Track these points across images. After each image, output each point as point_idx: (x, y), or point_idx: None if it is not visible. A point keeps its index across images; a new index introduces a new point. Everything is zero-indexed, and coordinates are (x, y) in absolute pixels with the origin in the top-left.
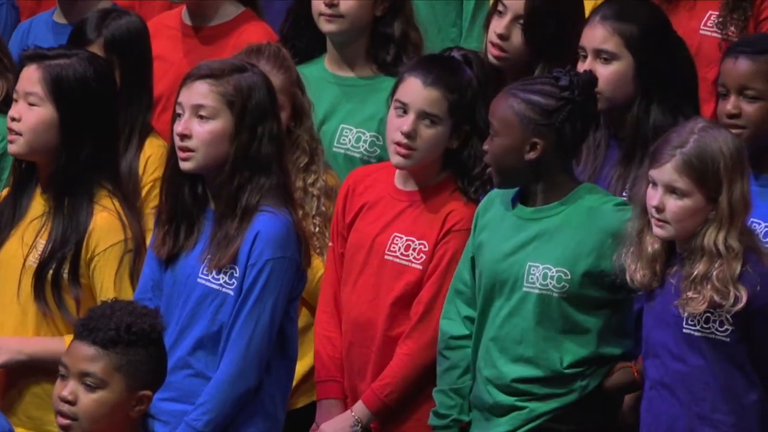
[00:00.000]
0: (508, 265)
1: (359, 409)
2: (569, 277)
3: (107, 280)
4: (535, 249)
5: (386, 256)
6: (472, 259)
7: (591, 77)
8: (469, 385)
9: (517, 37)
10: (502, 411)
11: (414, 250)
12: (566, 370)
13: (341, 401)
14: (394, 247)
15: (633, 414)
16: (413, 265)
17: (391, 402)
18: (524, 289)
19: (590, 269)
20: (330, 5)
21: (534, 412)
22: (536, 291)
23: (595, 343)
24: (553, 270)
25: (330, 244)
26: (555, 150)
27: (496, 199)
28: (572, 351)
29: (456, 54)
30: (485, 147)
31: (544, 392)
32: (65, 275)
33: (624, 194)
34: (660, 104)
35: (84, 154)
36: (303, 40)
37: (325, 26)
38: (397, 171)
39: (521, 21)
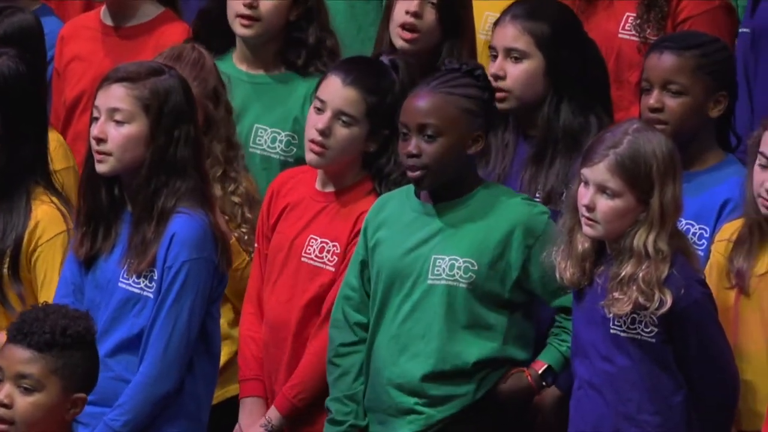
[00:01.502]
0: (412, 259)
1: (271, 412)
2: (476, 268)
3: (51, 270)
4: (441, 242)
5: (303, 258)
6: (362, 263)
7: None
8: (362, 390)
9: (429, 16)
10: (400, 413)
11: (328, 252)
12: (469, 368)
13: (263, 400)
14: (309, 249)
15: (554, 417)
16: (327, 267)
17: (301, 403)
18: (429, 281)
19: (497, 261)
20: (249, 6)
21: (432, 418)
22: (442, 282)
23: (500, 342)
24: (460, 261)
25: (256, 245)
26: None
27: (390, 199)
28: (476, 347)
29: (384, 58)
30: (413, 150)
31: (444, 392)
32: (5, 271)
33: (537, 195)
34: (570, 103)
35: (22, 152)
36: (213, 40)
37: (241, 30)
38: (318, 173)
39: (433, 1)
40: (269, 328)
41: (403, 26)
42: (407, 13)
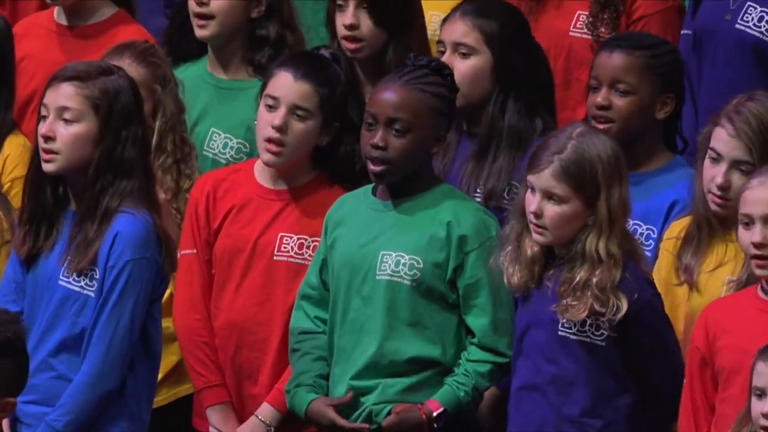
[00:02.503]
0: (362, 255)
1: (267, 412)
2: (421, 265)
3: None
4: (390, 238)
5: (276, 257)
6: (323, 262)
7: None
8: (321, 367)
9: (366, 22)
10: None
11: (308, 248)
12: (402, 363)
13: (231, 404)
14: (284, 248)
15: (491, 417)
16: (309, 263)
17: None
18: (377, 277)
19: (441, 262)
20: (200, 4)
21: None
22: (387, 278)
23: (440, 343)
24: (406, 258)
25: (192, 251)
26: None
27: (349, 197)
28: (415, 345)
29: (324, 52)
30: (379, 142)
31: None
32: None
33: (477, 191)
34: (516, 102)
35: None
36: (187, 41)
37: (199, 32)
38: (262, 171)
39: (365, 5)
40: (238, 331)
41: (345, 38)
42: (344, 26)
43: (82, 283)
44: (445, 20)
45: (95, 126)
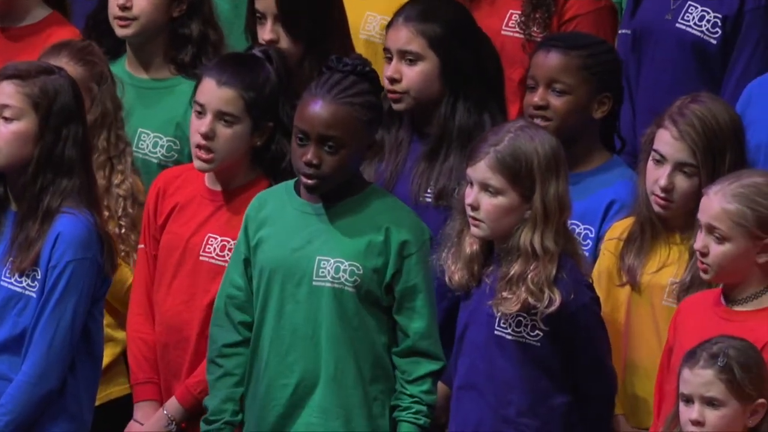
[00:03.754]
0: (296, 259)
1: (172, 406)
2: (361, 271)
3: None
4: (326, 243)
5: (201, 258)
6: (245, 261)
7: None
8: (242, 391)
9: (285, 37)
10: (286, 414)
11: (230, 250)
12: (354, 373)
13: (159, 402)
14: (209, 248)
15: (445, 414)
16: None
17: (204, 398)
18: (314, 283)
19: (380, 267)
20: (123, 8)
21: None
22: (328, 285)
23: (386, 349)
24: (346, 264)
25: (141, 246)
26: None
27: (270, 196)
28: (364, 352)
29: (257, 51)
30: (313, 160)
31: (331, 398)
32: None
33: (428, 191)
34: (466, 102)
35: None
36: (104, 42)
37: (120, 31)
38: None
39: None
40: (167, 329)
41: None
42: (263, 40)
43: (24, 284)
44: (389, 27)
45: (35, 124)
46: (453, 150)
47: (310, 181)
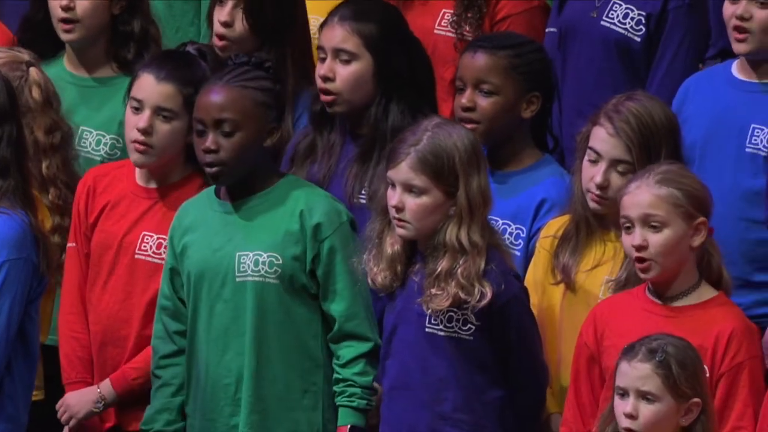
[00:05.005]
0: (218, 259)
1: (106, 387)
2: (281, 261)
3: None
4: (244, 238)
5: (137, 256)
6: (171, 271)
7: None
8: (181, 401)
9: (239, 23)
10: (228, 413)
11: (166, 248)
12: (283, 364)
13: None
14: (145, 246)
15: (377, 415)
16: None
17: (137, 387)
18: (237, 279)
19: (299, 254)
20: (66, 9)
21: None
22: (250, 279)
23: (319, 338)
24: (264, 255)
25: (71, 244)
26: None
27: (192, 204)
28: (292, 343)
29: (190, 48)
30: (210, 146)
31: (266, 392)
32: None
33: (362, 192)
34: (399, 103)
35: None
36: (41, 41)
37: (63, 35)
38: (139, 168)
39: (242, 6)
40: (104, 327)
41: (217, 34)
42: (219, 21)
43: None
44: (323, 25)
45: None
46: (386, 152)
47: (212, 170)
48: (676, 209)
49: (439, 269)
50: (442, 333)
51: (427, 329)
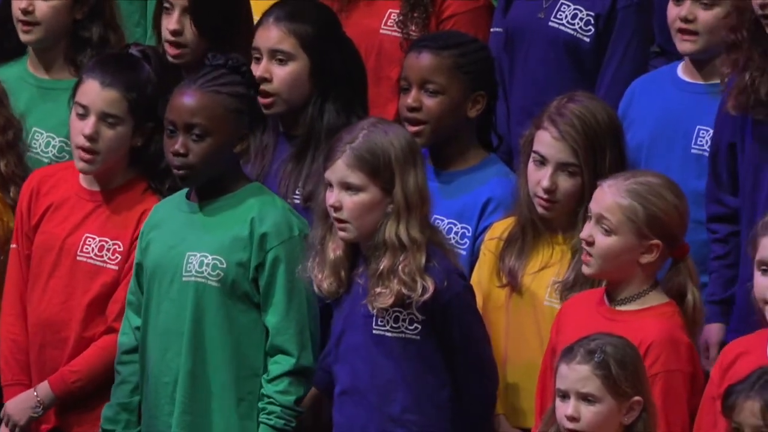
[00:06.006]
0: (171, 257)
1: (44, 390)
2: (224, 265)
3: None
4: (195, 239)
5: (79, 258)
6: (138, 266)
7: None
8: (138, 400)
9: (189, 30)
10: (168, 412)
11: (108, 250)
12: (219, 368)
13: None
14: (87, 248)
15: (310, 416)
16: (108, 265)
17: (77, 390)
18: (183, 279)
19: (245, 261)
20: (25, 12)
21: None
22: (193, 280)
23: (255, 345)
24: (209, 258)
25: (13, 245)
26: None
27: (166, 201)
28: (227, 348)
29: (134, 50)
30: (180, 149)
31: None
32: None
33: (296, 193)
34: (334, 103)
35: None
36: (7, 41)
37: (23, 36)
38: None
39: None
40: (43, 329)
41: (168, 42)
42: (168, 30)
43: None
44: (258, 26)
45: None
46: (321, 151)
47: (180, 172)
48: (628, 222)
49: (381, 267)
50: (389, 334)
51: (374, 331)
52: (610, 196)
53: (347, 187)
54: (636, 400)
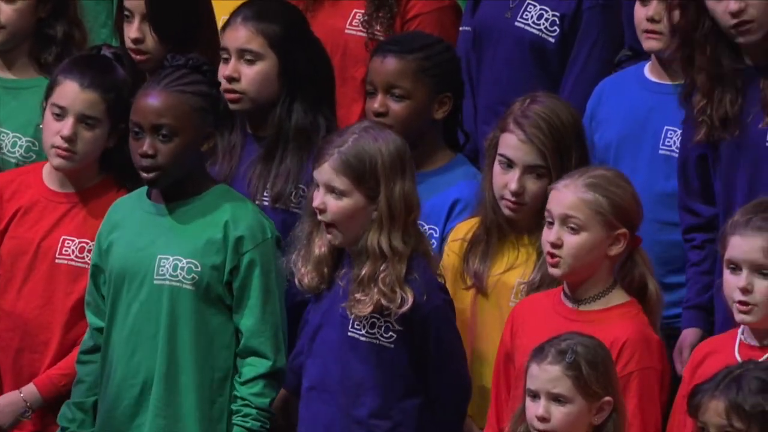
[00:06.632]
0: (139, 259)
1: (30, 393)
2: (199, 269)
3: None
4: (167, 242)
5: (58, 260)
6: (95, 267)
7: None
8: (94, 400)
9: (150, 37)
10: (132, 416)
11: (89, 251)
12: (191, 373)
13: None
14: (66, 250)
15: (282, 415)
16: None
17: (66, 392)
18: (155, 282)
19: (219, 264)
20: None
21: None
22: (167, 283)
23: (228, 349)
24: (183, 261)
25: None
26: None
27: (123, 201)
28: (200, 352)
29: (106, 52)
30: (148, 151)
31: (170, 398)
32: None
33: (265, 194)
34: (302, 103)
35: None
36: None
37: None
38: (50, 173)
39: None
40: (21, 333)
41: (131, 50)
42: (129, 38)
43: None
44: (226, 26)
45: None
46: (290, 151)
47: (148, 175)
48: (596, 216)
49: (363, 274)
50: (363, 338)
51: (349, 333)
52: (571, 195)
53: (332, 190)
54: (606, 400)
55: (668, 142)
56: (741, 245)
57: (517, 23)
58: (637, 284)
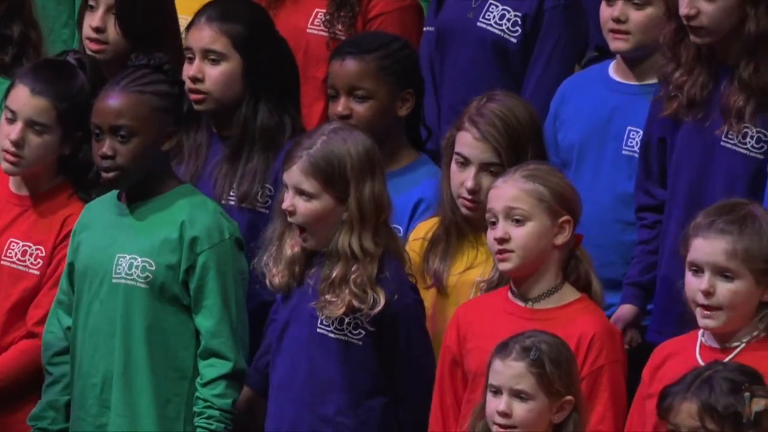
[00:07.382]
0: (100, 258)
1: None
2: (154, 267)
3: None
4: (125, 241)
5: (2, 262)
6: (70, 266)
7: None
8: (68, 399)
9: (112, 28)
10: (98, 413)
11: (31, 255)
12: (146, 371)
13: None
14: (10, 253)
15: (247, 415)
16: (31, 270)
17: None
18: (113, 281)
19: (174, 263)
20: None
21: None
22: (123, 282)
23: (187, 351)
24: (139, 260)
25: None
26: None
27: (97, 202)
28: (155, 350)
29: (71, 58)
30: (107, 152)
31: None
32: None
33: (231, 194)
34: (267, 103)
35: None
36: None
37: None
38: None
39: (114, 11)
40: None
41: (89, 38)
42: (90, 27)
43: None
44: (190, 26)
45: None
46: (255, 151)
47: (108, 175)
48: (540, 204)
49: (334, 275)
50: (332, 335)
51: (318, 329)
52: (511, 189)
53: (301, 192)
54: (567, 399)
55: (631, 143)
56: (703, 247)
57: (479, 23)
58: (583, 281)
